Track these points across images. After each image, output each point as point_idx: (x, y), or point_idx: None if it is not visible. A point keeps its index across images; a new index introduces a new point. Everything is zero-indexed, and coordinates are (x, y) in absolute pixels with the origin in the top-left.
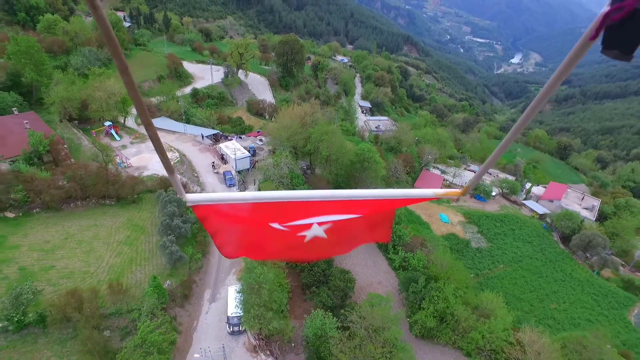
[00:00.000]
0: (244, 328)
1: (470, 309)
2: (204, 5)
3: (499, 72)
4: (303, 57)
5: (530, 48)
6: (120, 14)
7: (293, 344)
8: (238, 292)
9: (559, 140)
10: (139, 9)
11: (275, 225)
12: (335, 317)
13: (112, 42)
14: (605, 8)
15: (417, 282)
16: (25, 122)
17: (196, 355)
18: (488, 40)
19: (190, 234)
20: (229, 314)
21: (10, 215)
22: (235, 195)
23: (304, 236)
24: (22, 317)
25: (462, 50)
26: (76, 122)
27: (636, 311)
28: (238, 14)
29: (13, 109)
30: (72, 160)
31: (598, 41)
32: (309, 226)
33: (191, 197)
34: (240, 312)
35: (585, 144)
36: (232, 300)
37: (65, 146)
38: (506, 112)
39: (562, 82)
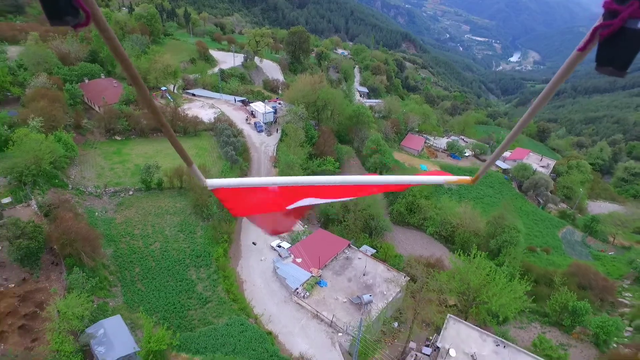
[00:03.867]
0: None
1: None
2: (212, 3)
3: (497, 69)
4: (309, 46)
5: (529, 47)
6: None
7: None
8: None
9: (539, 124)
10: (163, 5)
11: (291, 207)
12: None
13: (123, 58)
14: (598, 22)
15: None
16: (114, 82)
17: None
18: (487, 39)
19: (239, 151)
20: None
21: (118, 138)
22: (253, 180)
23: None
24: (150, 181)
25: (461, 49)
26: None
27: (564, 230)
28: (243, 12)
29: (101, 74)
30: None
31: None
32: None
33: (211, 182)
34: None
35: (570, 133)
36: None
37: None
38: (501, 107)
39: None
